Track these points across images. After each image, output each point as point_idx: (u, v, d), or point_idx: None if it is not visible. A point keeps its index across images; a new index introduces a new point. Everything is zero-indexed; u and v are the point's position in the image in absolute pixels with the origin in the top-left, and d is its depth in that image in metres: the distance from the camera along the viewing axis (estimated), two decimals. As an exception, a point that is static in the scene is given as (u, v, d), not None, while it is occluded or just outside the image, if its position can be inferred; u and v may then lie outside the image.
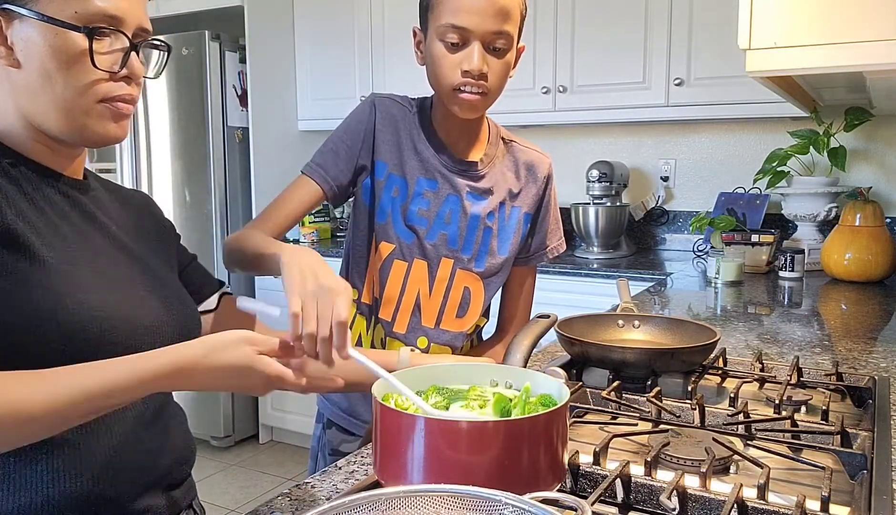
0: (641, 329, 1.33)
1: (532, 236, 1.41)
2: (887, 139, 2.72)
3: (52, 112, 0.84)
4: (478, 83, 1.18)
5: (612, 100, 2.85)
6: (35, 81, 0.82)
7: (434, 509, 0.59)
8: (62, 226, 0.86)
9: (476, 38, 1.16)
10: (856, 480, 0.83)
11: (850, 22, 1.15)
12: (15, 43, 0.82)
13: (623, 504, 0.78)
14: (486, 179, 1.32)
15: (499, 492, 0.58)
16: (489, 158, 1.33)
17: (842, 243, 2.34)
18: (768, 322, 1.79)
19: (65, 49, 0.81)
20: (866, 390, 1.12)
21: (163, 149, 3.48)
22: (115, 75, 0.85)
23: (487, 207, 1.32)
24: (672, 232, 3.13)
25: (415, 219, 1.29)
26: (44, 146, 0.87)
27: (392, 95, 1.33)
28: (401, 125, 1.30)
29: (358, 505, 0.58)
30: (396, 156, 1.29)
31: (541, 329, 1.11)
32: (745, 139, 2.96)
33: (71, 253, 0.85)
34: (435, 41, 1.20)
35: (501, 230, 1.35)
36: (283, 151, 3.62)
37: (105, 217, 0.94)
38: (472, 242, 1.32)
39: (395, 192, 1.28)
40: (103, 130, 0.86)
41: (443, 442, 0.69)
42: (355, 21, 3.42)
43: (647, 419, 0.97)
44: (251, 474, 3.30)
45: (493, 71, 1.19)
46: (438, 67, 1.20)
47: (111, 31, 0.84)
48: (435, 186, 1.29)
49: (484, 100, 1.21)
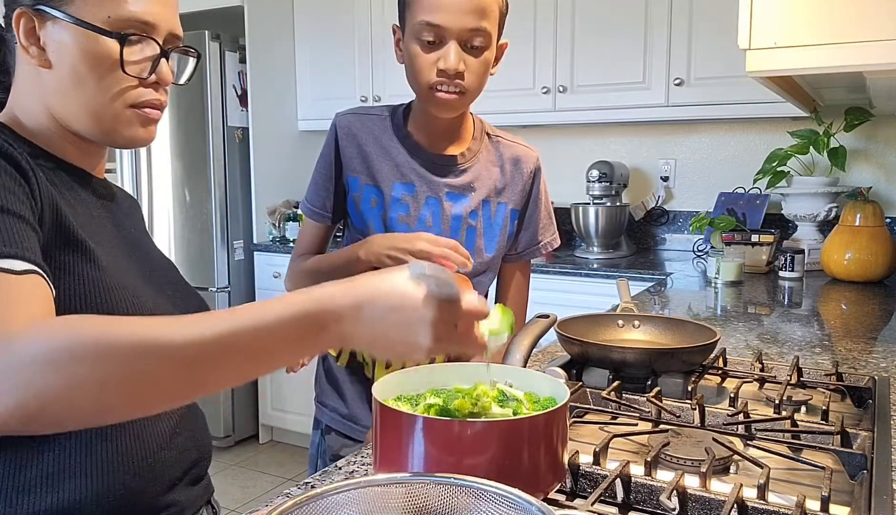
0: (641, 329, 1.33)
1: (521, 232, 1.38)
2: (887, 139, 2.72)
3: (82, 114, 0.84)
4: (454, 82, 1.17)
5: (612, 100, 2.85)
6: (66, 83, 0.83)
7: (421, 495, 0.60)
8: (102, 227, 0.87)
9: (452, 36, 1.15)
10: (856, 480, 0.83)
11: (850, 22, 1.15)
12: (47, 44, 0.82)
13: (623, 504, 0.78)
14: (466, 175, 1.30)
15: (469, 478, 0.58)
16: (471, 153, 1.31)
17: (842, 243, 2.34)
18: (768, 322, 1.79)
19: (96, 54, 0.82)
20: (866, 390, 1.12)
21: (163, 149, 3.48)
22: (145, 81, 0.86)
23: (469, 205, 1.30)
24: (672, 232, 3.13)
25: (395, 225, 1.27)
26: (74, 147, 0.88)
27: (356, 108, 1.34)
28: (364, 135, 1.29)
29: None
30: (365, 166, 1.28)
31: (540, 329, 1.11)
32: (745, 139, 2.96)
33: (116, 254, 0.86)
34: (412, 39, 1.18)
35: (487, 228, 1.32)
36: (283, 151, 3.62)
37: (128, 221, 0.96)
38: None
39: (374, 202, 1.28)
40: (131, 135, 0.87)
41: (443, 442, 0.69)
42: (355, 21, 3.42)
43: (647, 419, 0.97)
44: (251, 474, 3.30)
45: (471, 70, 1.17)
46: (414, 66, 1.19)
47: (143, 38, 0.84)
48: (412, 190, 1.28)
49: (461, 99, 1.19)
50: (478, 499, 0.59)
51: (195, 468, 0.95)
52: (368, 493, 0.60)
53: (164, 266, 0.99)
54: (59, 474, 0.79)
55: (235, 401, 3.54)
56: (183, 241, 3.48)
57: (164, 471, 0.88)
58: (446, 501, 0.60)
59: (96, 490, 0.81)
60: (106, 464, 0.81)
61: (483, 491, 0.59)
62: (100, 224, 0.88)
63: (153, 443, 0.86)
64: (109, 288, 0.81)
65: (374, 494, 0.60)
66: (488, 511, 0.59)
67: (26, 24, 0.82)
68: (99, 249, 0.82)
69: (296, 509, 0.56)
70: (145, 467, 0.85)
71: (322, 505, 0.58)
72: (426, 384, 0.84)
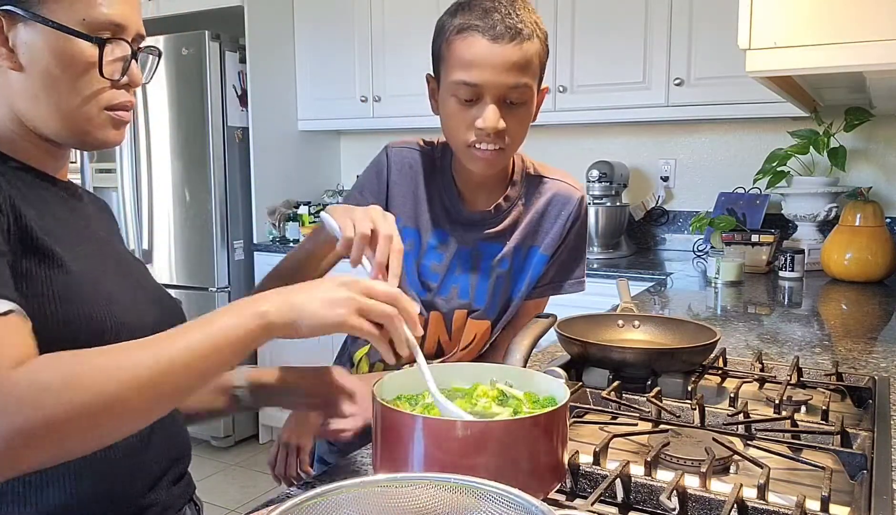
0: (641, 329, 1.33)
1: (546, 273, 1.29)
2: (887, 139, 2.72)
3: (53, 117, 0.83)
4: (494, 140, 1.10)
5: (612, 100, 2.85)
6: (37, 86, 0.81)
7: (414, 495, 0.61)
8: (70, 230, 0.86)
9: (490, 94, 1.08)
10: (856, 480, 0.83)
11: (850, 22, 1.15)
12: (17, 46, 0.80)
13: (623, 504, 0.78)
14: (503, 223, 1.24)
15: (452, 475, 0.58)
16: (508, 202, 1.24)
17: (842, 243, 2.34)
18: (768, 322, 1.79)
19: (71, 57, 0.80)
20: (866, 390, 1.12)
21: (163, 149, 3.48)
22: (117, 83, 0.85)
23: (501, 254, 1.24)
24: (672, 232, 3.13)
25: (427, 274, 1.23)
26: (36, 149, 0.86)
27: (407, 141, 1.26)
28: (418, 174, 1.23)
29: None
30: (412, 207, 1.22)
31: (541, 329, 1.10)
32: (745, 139, 2.96)
33: (86, 256, 0.84)
34: (447, 95, 1.12)
35: (517, 273, 1.27)
36: (283, 151, 3.63)
37: (95, 222, 0.94)
38: (485, 292, 1.25)
39: (410, 245, 1.21)
40: (104, 137, 0.86)
41: (443, 442, 0.69)
42: (355, 21, 3.42)
43: (647, 419, 0.97)
44: (251, 474, 3.30)
45: (511, 125, 1.11)
46: (451, 123, 1.13)
47: (115, 40, 0.83)
48: (447, 239, 1.23)
49: (501, 154, 1.13)
50: (478, 499, 0.59)
51: (175, 466, 0.94)
52: (369, 493, 0.60)
53: (138, 269, 0.97)
54: (38, 481, 0.78)
55: (235, 401, 3.53)
56: (183, 241, 3.48)
57: (143, 471, 0.88)
58: (447, 501, 0.60)
59: (77, 495, 0.80)
60: (84, 469, 0.81)
61: (484, 491, 0.59)
62: (67, 227, 0.86)
63: (130, 445, 0.85)
64: (80, 291, 0.79)
65: (374, 494, 0.60)
66: (489, 511, 0.58)
67: None
68: (66, 252, 0.80)
69: (295, 508, 0.56)
70: (124, 468, 0.85)
71: (323, 505, 0.58)
72: (426, 384, 0.84)
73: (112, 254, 0.93)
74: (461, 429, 0.69)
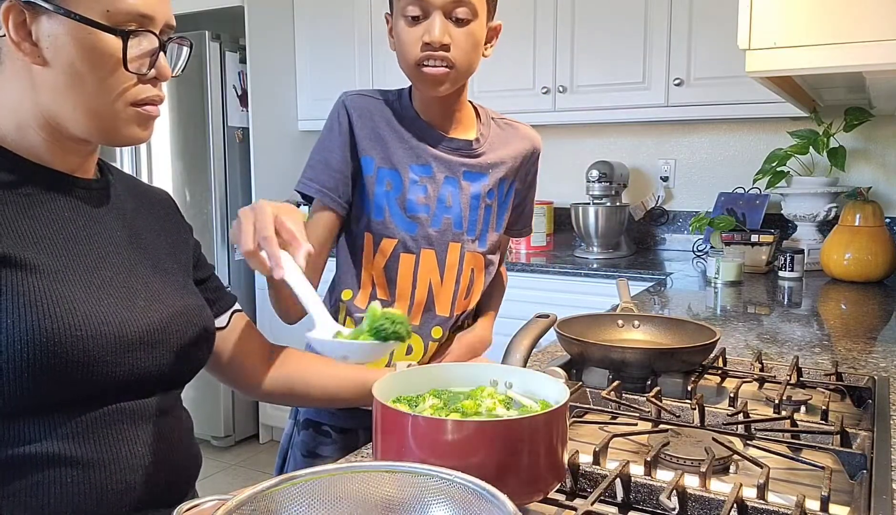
0: (641, 329, 1.33)
1: (513, 211, 1.40)
2: (887, 139, 2.72)
3: (79, 113, 0.80)
4: (440, 55, 1.15)
5: (612, 100, 2.85)
6: (62, 81, 0.79)
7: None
8: (60, 235, 0.82)
9: (436, 9, 1.13)
10: (855, 480, 0.83)
11: (850, 22, 1.15)
12: (41, 40, 0.78)
13: (623, 504, 0.78)
14: (483, 157, 1.30)
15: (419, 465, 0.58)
16: (484, 137, 1.31)
17: (841, 243, 2.34)
18: (768, 322, 1.79)
19: (97, 51, 0.78)
20: (866, 390, 1.12)
21: (163, 149, 3.48)
22: (144, 77, 0.82)
23: (487, 185, 1.30)
24: (672, 232, 3.13)
25: (415, 208, 1.26)
26: (57, 147, 0.84)
27: (362, 90, 1.30)
28: (378, 117, 1.26)
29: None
30: (381, 148, 1.25)
31: (540, 329, 1.11)
32: (745, 139, 2.96)
33: (65, 265, 0.80)
34: (399, 18, 1.17)
35: (500, 207, 1.34)
36: (283, 151, 3.62)
37: (117, 215, 0.91)
38: (475, 221, 1.30)
39: (388, 185, 1.25)
40: (130, 134, 0.84)
41: (443, 442, 0.69)
42: (355, 21, 3.42)
43: (647, 419, 0.97)
44: (251, 474, 3.30)
45: (457, 43, 1.15)
46: (402, 46, 1.18)
47: (142, 32, 0.80)
48: (430, 172, 1.26)
49: (449, 74, 1.17)
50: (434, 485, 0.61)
51: (173, 489, 0.90)
52: (322, 483, 0.60)
53: (167, 269, 0.93)
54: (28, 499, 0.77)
55: (235, 401, 3.54)
56: (183, 241, 3.48)
57: (135, 495, 0.85)
58: (407, 491, 0.61)
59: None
60: (68, 494, 0.78)
61: (447, 481, 0.60)
62: (61, 233, 0.82)
63: (116, 471, 0.83)
64: (31, 306, 0.75)
65: (327, 483, 0.61)
66: (447, 498, 0.60)
67: (16, 19, 0.77)
68: (43, 260, 0.77)
69: (258, 495, 0.57)
70: (115, 491, 0.82)
71: (274, 499, 0.58)
72: (426, 385, 0.84)
73: (126, 250, 0.89)
74: (461, 429, 0.69)
